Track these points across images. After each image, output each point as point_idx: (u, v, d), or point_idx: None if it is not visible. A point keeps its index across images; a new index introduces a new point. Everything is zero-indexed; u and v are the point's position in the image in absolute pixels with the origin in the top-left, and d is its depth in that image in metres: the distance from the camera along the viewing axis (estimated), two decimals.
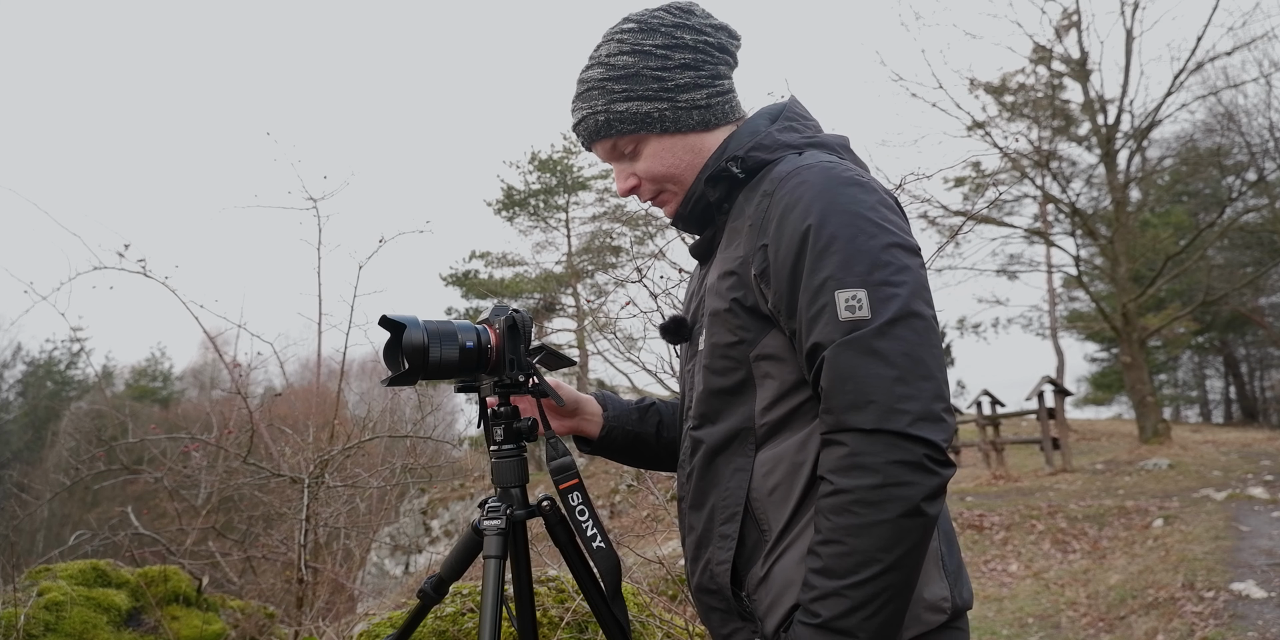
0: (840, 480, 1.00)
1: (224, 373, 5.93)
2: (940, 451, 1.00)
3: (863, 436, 0.99)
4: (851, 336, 1.02)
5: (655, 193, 1.32)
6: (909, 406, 0.99)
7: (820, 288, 1.05)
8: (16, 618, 2.89)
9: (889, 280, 1.04)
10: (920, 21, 23.11)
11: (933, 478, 0.99)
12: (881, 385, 1.00)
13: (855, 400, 1.01)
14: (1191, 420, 31.82)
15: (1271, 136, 16.06)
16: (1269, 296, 24.95)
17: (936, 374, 1.02)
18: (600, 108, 1.25)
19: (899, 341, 1.01)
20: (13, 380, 33.42)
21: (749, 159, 1.21)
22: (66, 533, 7.02)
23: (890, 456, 0.98)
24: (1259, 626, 5.08)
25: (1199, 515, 8.39)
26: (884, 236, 1.07)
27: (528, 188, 25.84)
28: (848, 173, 1.13)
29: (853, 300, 1.03)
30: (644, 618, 2.84)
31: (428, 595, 1.44)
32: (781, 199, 1.12)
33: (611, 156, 1.31)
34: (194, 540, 5.15)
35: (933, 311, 1.07)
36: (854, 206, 1.08)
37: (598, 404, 1.51)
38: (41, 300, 3.70)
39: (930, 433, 0.99)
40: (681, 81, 1.23)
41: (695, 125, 1.26)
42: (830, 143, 1.26)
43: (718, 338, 1.20)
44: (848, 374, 1.02)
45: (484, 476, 7.62)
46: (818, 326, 1.05)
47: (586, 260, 25.04)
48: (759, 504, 1.15)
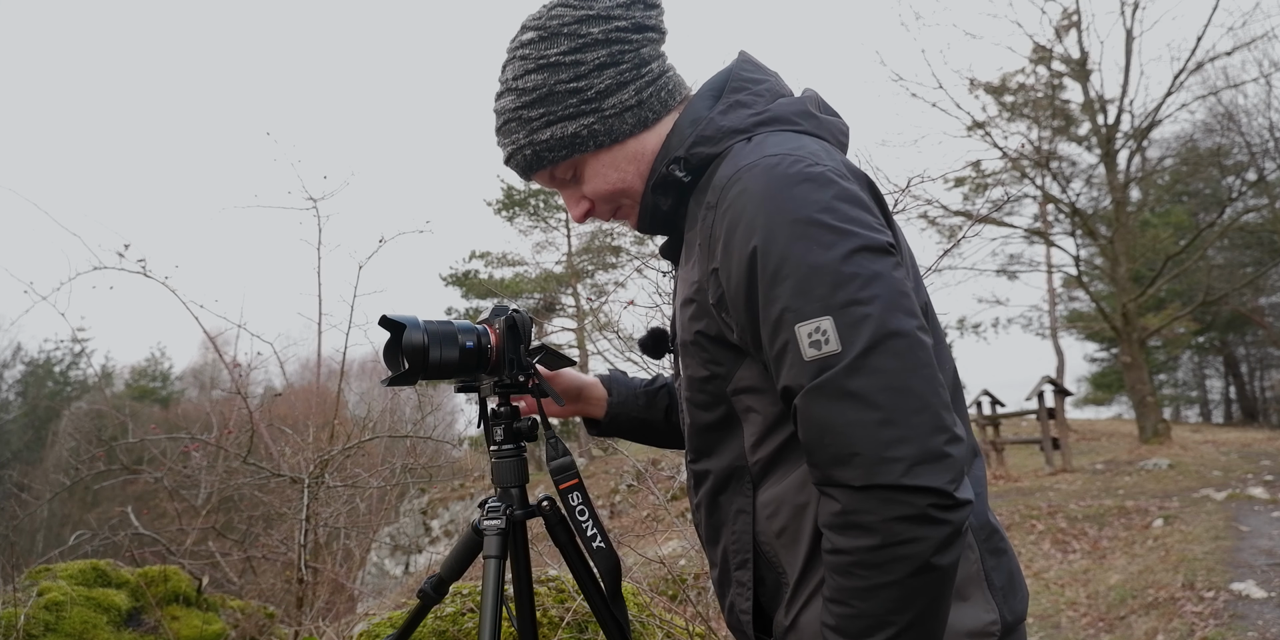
0: (837, 540, 0.89)
1: (224, 373, 5.93)
2: (946, 496, 0.85)
3: (853, 493, 0.87)
4: (821, 379, 0.88)
5: (612, 211, 1.19)
6: (901, 452, 0.85)
7: (778, 323, 0.91)
8: (16, 618, 2.89)
9: (856, 298, 0.88)
10: (920, 21, 23.17)
11: (941, 528, 0.85)
12: (865, 433, 0.86)
13: (838, 454, 0.88)
14: (1191, 420, 31.81)
15: (1271, 136, 16.07)
16: (1269, 296, 24.94)
17: (931, 401, 0.88)
18: (523, 141, 1.12)
19: (878, 374, 0.87)
20: (12, 380, 33.42)
21: (693, 157, 1.06)
22: (66, 533, 7.02)
23: (887, 513, 0.85)
24: (1259, 626, 5.08)
25: (1199, 515, 8.39)
26: (843, 243, 0.90)
27: (528, 187, 25.82)
28: (794, 166, 0.95)
29: (816, 333, 0.89)
30: (644, 618, 2.84)
31: (428, 595, 1.44)
32: (724, 214, 0.97)
33: (554, 185, 1.18)
34: (194, 540, 5.15)
35: (916, 321, 0.91)
36: (803, 211, 0.92)
37: (603, 387, 1.45)
38: (41, 300, 3.70)
39: (931, 477, 0.85)
40: (603, 86, 1.08)
41: (631, 129, 1.11)
42: (784, 115, 1.07)
43: (691, 371, 1.10)
44: (824, 425, 0.88)
45: (484, 476, 7.63)
46: (783, 368, 0.92)
47: (586, 260, 25.04)
48: (769, 547, 1.05)
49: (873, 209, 0.97)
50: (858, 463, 0.86)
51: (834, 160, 0.99)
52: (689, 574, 4.23)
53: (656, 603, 3.23)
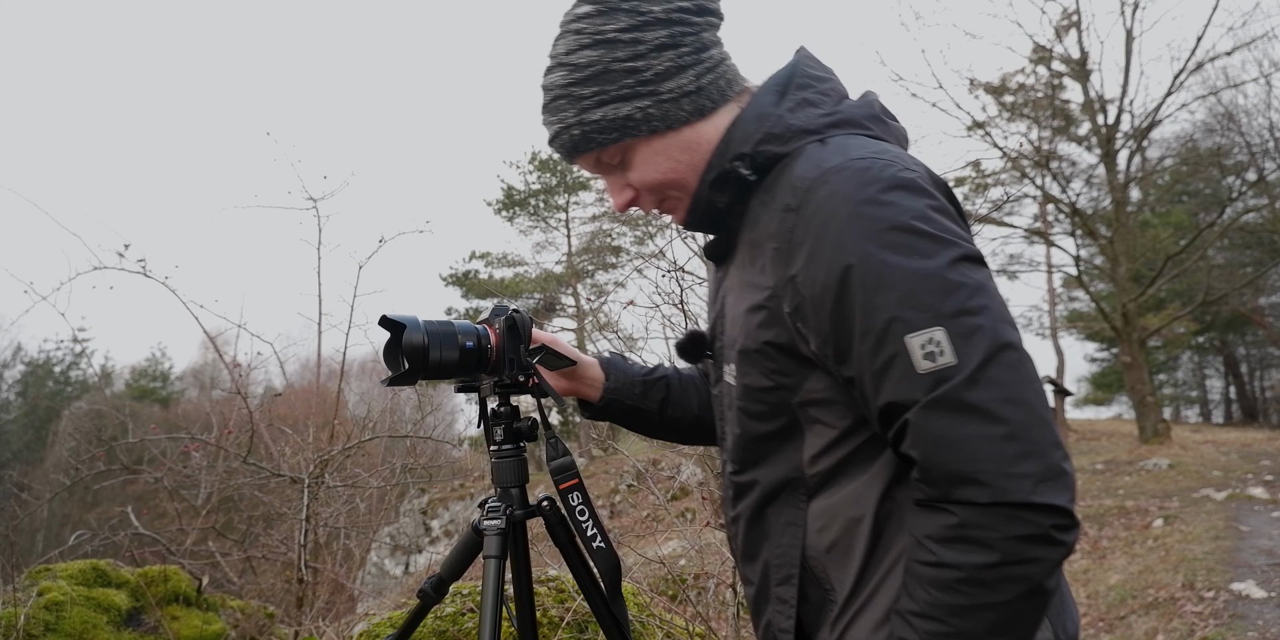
0: (945, 553, 0.84)
1: (224, 373, 5.93)
2: (1068, 515, 0.82)
3: (977, 510, 0.82)
4: (939, 392, 0.83)
5: (657, 202, 1.12)
6: (1028, 467, 0.81)
7: (884, 333, 0.86)
8: (16, 618, 2.89)
9: (966, 307, 0.84)
10: (920, 21, 23.18)
11: (1058, 549, 0.83)
12: (989, 448, 0.82)
13: (960, 472, 0.83)
14: (1191, 420, 31.81)
15: (1271, 136, 16.07)
16: (1269, 296, 24.94)
17: (1046, 415, 0.85)
18: (572, 120, 1.04)
19: (997, 386, 0.83)
20: (12, 380, 33.43)
21: (759, 155, 1.00)
22: (66, 533, 7.02)
23: (1011, 531, 0.81)
24: (1259, 626, 5.08)
25: (1199, 515, 8.39)
26: (946, 251, 0.86)
27: (528, 188, 25.85)
28: (887, 171, 0.91)
29: (930, 344, 0.84)
30: (644, 618, 2.84)
31: (428, 595, 1.44)
32: (810, 218, 0.91)
33: (599, 169, 1.11)
34: (194, 540, 5.15)
35: (1019, 334, 0.88)
36: (900, 218, 0.87)
37: (599, 369, 1.41)
38: (41, 300, 3.70)
39: (1055, 495, 0.81)
40: (661, 68, 1.01)
41: (688, 116, 1.04)
42: (856, 117, 1.02)
43: (751, 380, 1.03)
44: (944, 441, 0.84)
45: (484, 476, 7.61)
46: (889, 382, 0.87)
47: (586, 260, 25.05)
48: (817, 562, 1.01)
49: (960, 222, 0.94)
50: (984, 480, 0.82)
51: (920, 166, 0.95)
52: (689, 574, 4.23)
53: (656, 603, 3.23)
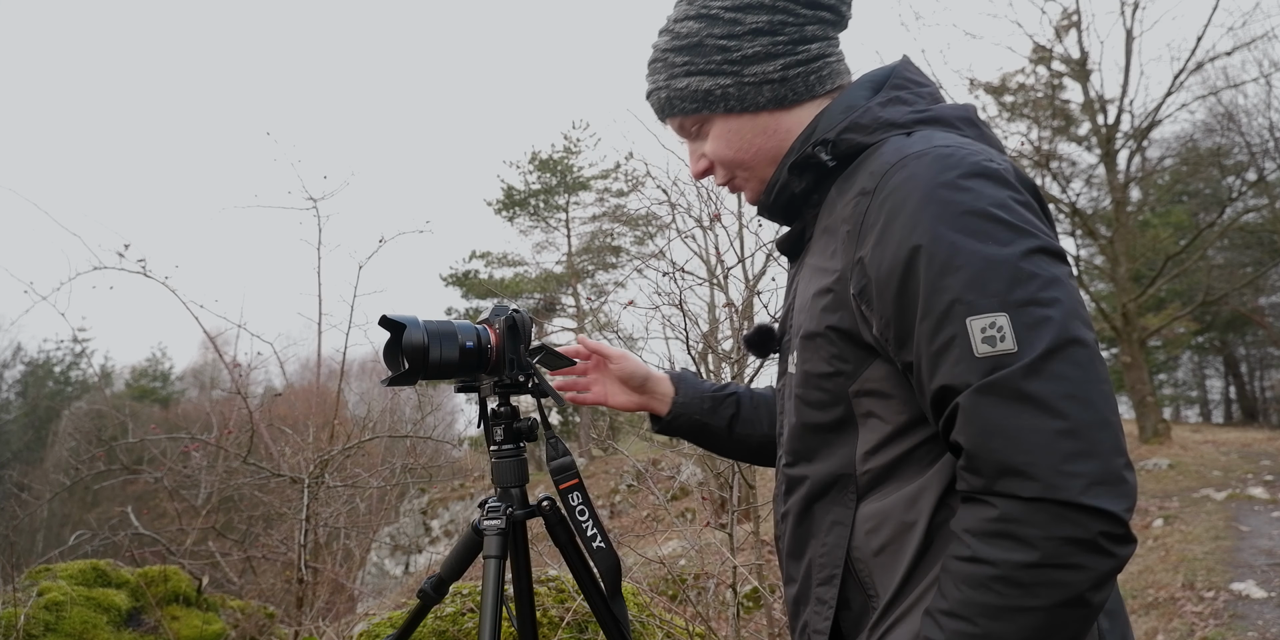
0: (982, 548, 0.80)
1: (224, 373, 5.94)
2: (1121, 524, 0.77)
3: (1020, 504, 0.78)
4: (995, 377, 0.80)
5: (727, 178, 1.14)
6: (1082, 467, 0.77)
7: (946, 315, 0.83)
8: (16, 618, 2.89)
9: (1036, 298, 0.81)
10: (920, 21, 23.23)
11: (1107, 560, 0.77)
12: (1043, 441, 0.78)
13: (1008, 463, 0.79)
14: (1191, 420, 31.80)
15: (1271, 136, 16.08)
16: (1269, 296, 24.93)
17: (1111, 418, 0.80)
18: (662, 83, 1.09)
19: (1060, 381, 0.79)
20: (12, 380, 33.42)
21: (841, 142, 1.00)
22: (66, 533, 7.02)
23: (1055, 531, 0.76)
24: (1259, 626, 5.08)
25: (1199, 515, 8.39)
26: (1022, 240, 0.83)
27: (528, 188, 25.85)
28: (970, 159, 0.88)
29: (991, 329, 0.80)
30: (644, 618, 2.84)
31: (428, 595, 1.44)
32: (885, 200, 0.90)
33: (682, 134, 1.16)
34: (194, 540, 5.15)
35: (1093, 334, 0.83)
36: (978, 203, 0.85)
37: (670, 384, 1.39)
38: (41, 300, 3.70)
39: (1110, 501, 0.76)
40: (751, 52, 1.03)
41: (767, 103, 1.05)
42: (947, 117, 1.00)
43: (811, 366, 1.01)
44: (995, 428, 0.79)
45: (484, 476, 7.61)
46: (944, 365, 0.83)
47: (586, 260, 25.05)
48: (863, 565, 0.97)
49: (1044, 219, 0.90)
50: (1032, 473, 0.78)
51: (1005, 162, 0.92)
52: (689, 574, 4.24)
53: (656, 603, 3.23)
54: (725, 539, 3.20)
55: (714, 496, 4.22)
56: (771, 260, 3.96)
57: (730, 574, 3.15)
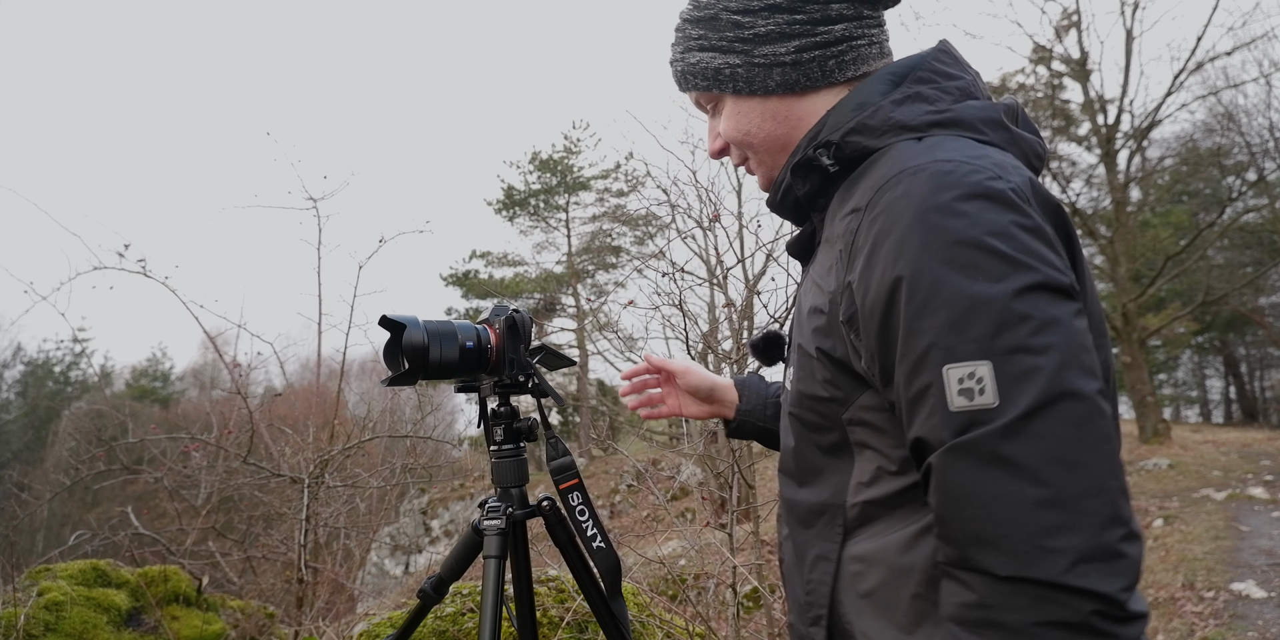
0: (966, 636, 0.72)
1: (224, 373, 5.94)
2: (1117, 605, 0.67)
3: (996, 584, 0.70)
4: (969, 437, 0.71)
5: (741, 159, 1.08)
6: (1064, 542, 0.68)
7: (921, 361, 0.75)
8: (16, 618, 2.89)
9: (1025, 345, 0.71)
10: (920, 21, 23.10)
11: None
12: (1020, 512, 0.69)
13: (980, 533, 0.70)
14: (1191, 420, 31.79)
15: (1271, 136, 16.07)
16: (1269, 296, 24.93)
17: (1108, 483, 0.70)
18: (678, 56, 1.04)
19: (1045, 441, 0.69)
20: (12, 380, 33.42)
21: (846, 146, 0.91)
22: (66, 533, 7.02)
23: (1039, 616, 0.68)
24: (1259, 626, 5.08)
25: (1199, 515, 8.39)
26: (1018, 276, 0.73)
27: (528, 187, 25.85)
28: (972, 177, 0.78)
29: (970, 380, 0.72)
30: (644, 618, 2.84)
31: (428, 595, 1.44)
32: (874, 221, 0.81)
33: (699, 109, 1.09)
34: (194, 540, 5.16)
35: (1097, 384, 0.72)
36: (972, 232, 0.74)
37: (735, 391, 1.37)
38: (41, 300, 3.70)
39: (1099, 580, 0.67)
40: (764, 30, 0.95)
41: (776, 88, 0.97)
42: (968, 119, 0.88)
43: (805, 387, 0.94)
44: (966, 495, 0.71)
45: (484, 476, 7.60)
46: (919, 416, 0.75)
47: (586, 260, 25.05)
48: (846, 608, 0.89)
49: (1057, 246, 0.78)
50: (1006, 548, 0.69)
51: (1020, 178, 0.81)
52: (689, 574, 4.24)
53: (656, 603, 3.23)
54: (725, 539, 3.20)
55: (714, 496, 4.22)
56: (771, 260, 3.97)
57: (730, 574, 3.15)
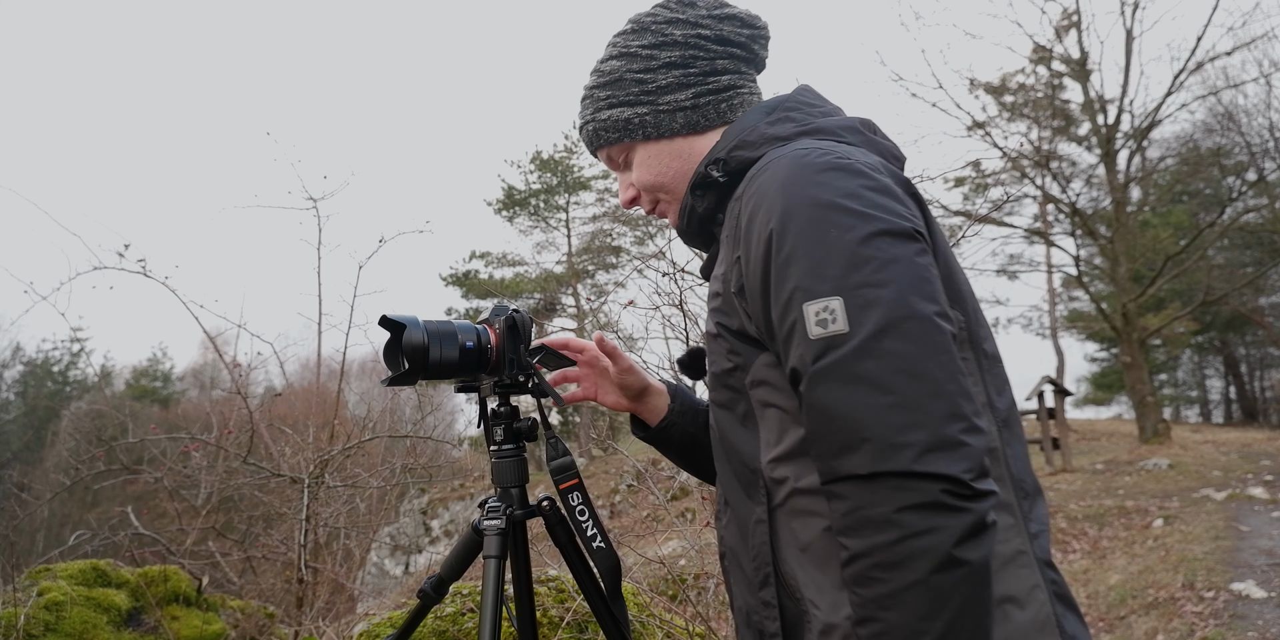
0: (852, 542, 0.81)
1: (224, 373, 5.93)
2: (962, 484, 0.79)
3: (862, 484, 0.81)
4: (827, 361, 0.84)
5: (653, 203, 1.23)
6: (912, 437, 0.79)
7: (789, 302, 0.88)
8: (16, 618, 2.89)
9: (869, 281, 0.85)
10: (920, 21, 23.20)
11: (959, 515, 0.78)
12: (874, 417, 0.81)
13: (845, 441, 0.82)
14: (1191, 420, 31.79)
15: (1271, 136, 16.06)
16: (1269, 296, 24.93)
17: (947, 386, 0.82)
18: (589, 117, 1.20)
19: (889, 357, 0.82)
20: (12, 380, 33.42)
21: (732, 160, 1.07)
22: (66, 533, 7.01)
23: (899, 502, 0.78)
24: (1259, 626, 5.08)
25: (1199, 515, 8.39)
26: (863, 226, 0.87)
27: (528, 187, 25.85)
28: (824, 157, 0.94)
29: (825, 312, 0.85)
30: (644, 618, 2.84)
31: (428, 595, 1.44)
32: (749, 200, 0.97)
33: (612, 166, 1.25)
34: (194, 540, 5.16)
35: (935, 307, 0.86)
36: (825, 195, 0.90)
37: (666, 397, 1.38)
38: (41, 300, 3.71)
39: (944, 464, 0.78)
40: (664, 83, 1.14)
41: (680, 129, 1.15)
42: (828, 127, 1.06)
43: (715, 365, 1.06)
44: (830, 409, 0.83)
45: (484, 476, 7.60)
46: (791, 348, 0.88)
47: (587, 260, 25.05)
48: (789, 565, 0.96)
49: (905, 200, 0.94)
50: (866, 450, 0.81)
51: (869, 159, 0.97)
52: (689, 574, 4.23)
53: (656, 603, 3.23)
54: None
55: (713, 496, 4.22)
56: None
57: None
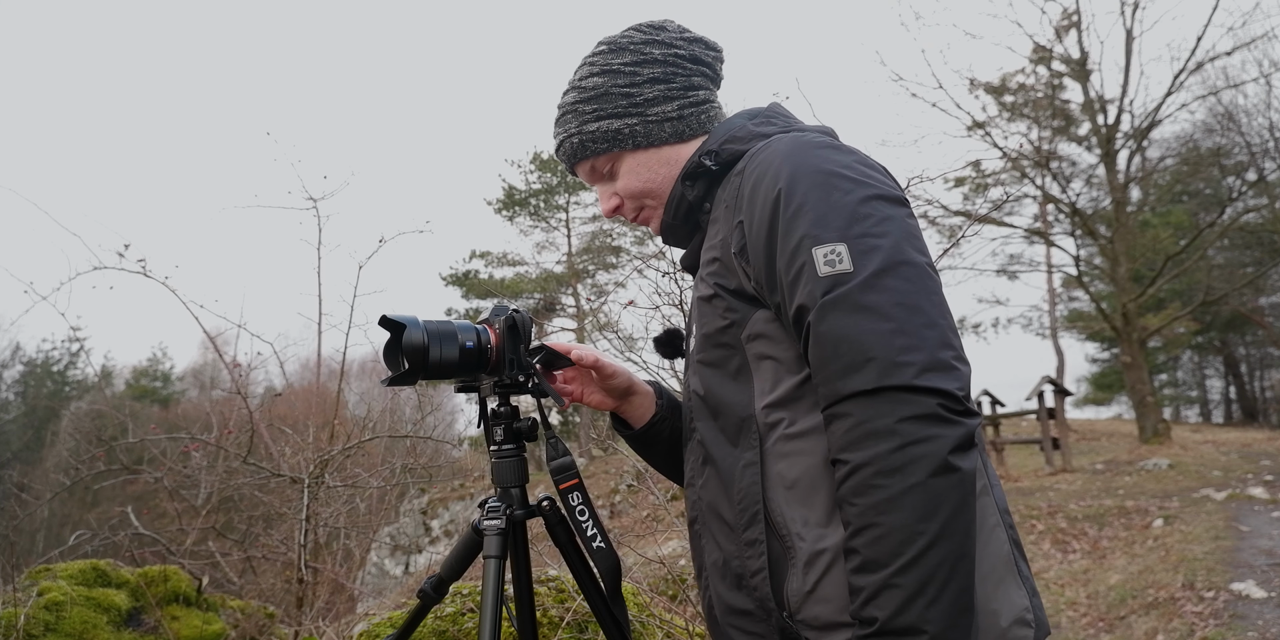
0: (854, 455, 0.90)
1: (224, 373, 5.93)
2: (956, 400, 0.90)
3: (866, 399, 0.90)
4: (835, 293, 0.94)
5: (637, 210, 1.30)
6: (912, 358, 0.90)
7: (797, 248, 0.99)
8: (16, 618, 2.89)
9: (869, 232, 0.97)
10: (920, 21, 23.18)
11: (955, 427, 0.88)
12: (879, 340, 0.91)
13: (852, 361, 0.92)
14: (1191, 420, 31.79)
15: (1271, 136, 16.07)
16: (1269, 296, 24.94)
17: (939, 320, 0.94)
18: (574, 130, 1.26)
19: (890, 292, 0.93)
20: (12, 380, 33.40)
21: (723, 151, 1.19)
22: (66, 533, 7.02)
23: (901, 413, 0.88)
24: (1259, 626, 5.08)
25: (1199, 515, 8.39)
26: (861, 190, 1.01)
27: (528, 187, 25.83)
28: (820, 138, 1.10)
29: (831, 254, 0.96)
30: (644, 618, 2.84)
31: (428, 595, 1.44)
32: (753, 171, 1.09)
33: (593, 178, 1.32)
34: (194, 540, 5.16)
35: (926, 258, 0.99)
36: (826, 165, 1.03)
37: (652, 398, 1.40)
38: (41, 300, 3.71)
39: (941, 381, 0.89)
40: (651, 95, 1.24)
41: (668, 138, 1.25)
42: (810, 129, 1.20)
43: (708, 327, 1.14)
44: (838, 335, 0.93)
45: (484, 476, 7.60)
46: (799, 288, 0.98)
47: (587, 260, 25.04)
48: (776, 502, 1.03)
49: (892, 177, 1.09)
50: (871, 367, 0.90)
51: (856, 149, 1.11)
52: (689, 574, 4.23)
53: (656, 603, 3.23)
54: None
55: None
56: None
57: None
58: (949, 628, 0.85)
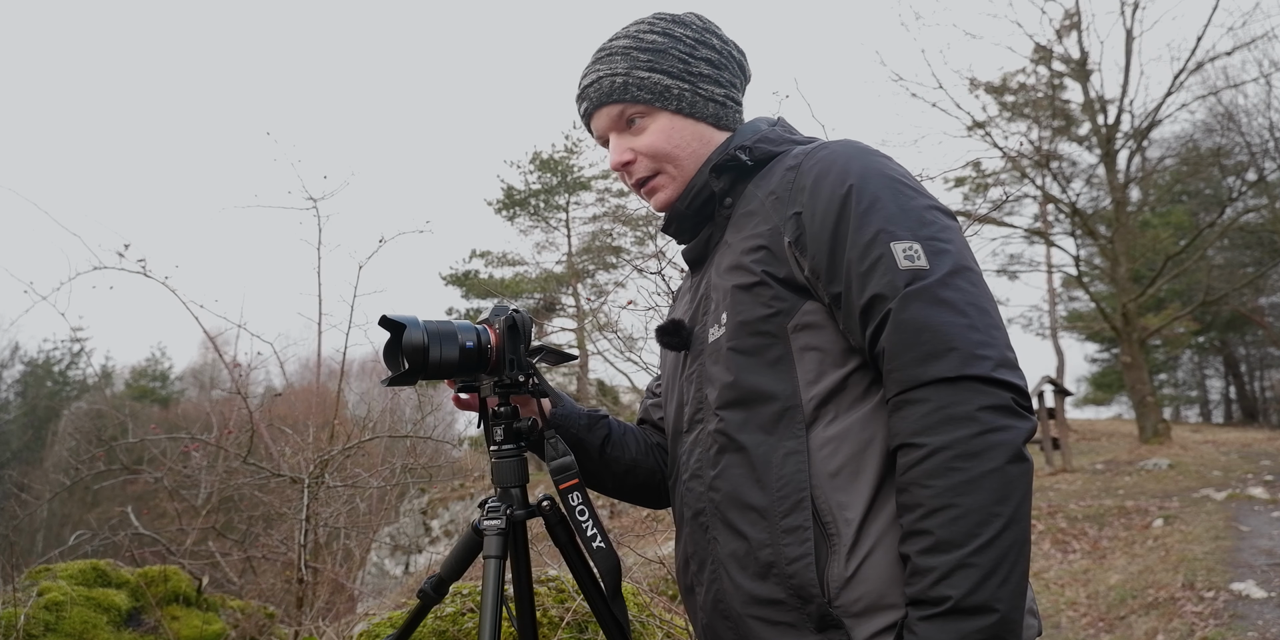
0: (933, 439, 0.93)
1: (224, 373, 5.94)
2: (1025, 396, 0.96)
3: (947, 386, 0.94)
4: (917, 286, 0.98)
5: (651, 172, 1.27)
6: (989, 352, 0.95)
7: (873, 240, 1.02)
8: (16, 618, 2.89)
9: (937, 236, 1.03)
10: (920, 21, 23.24)
11: (1025, 421, 0.94)
12: (958, 333, 0.96)
13: (933, 349, 0.95)
14: (1191, 420, 31.78)
15: (1271, 136, 16.07)
16: (1269, 296, 24.93)
17: (1002, 324, 1.01)
18: (621, 70, 1.23)
19: (963, 292, 0.99)
20: (12, 380, 33.39)
21: (757, 149, 1.21)
22: (66, 533, 7.02)
23: (981, 402, 0.93)
24: (1259, 626, 5.08)
25: (1199, 515, 8.39)
26: (923, 199, 1.07)
27: (528, 187, 25.83)
28: (872, 147, 1.15)
29: (909, 250, 1.01)
30: (644, 618, 2.84)
31: (428, 595, 1.44)
32: (812, 168, 1.12)
33: (614, 126, 1.27)
34: (194, 540, 5.16)
35: (980, 268, 1.06)
36: (889, 171, 1.09)
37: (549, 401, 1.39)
38: (41, 300, 3.71)
39: (1013, 377, 0.95)
40: (704, 72, 1.25)
41: (709, 117, 1.26)
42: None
43: (747, 315, 1.13)
44: (920, 324, 0.97)
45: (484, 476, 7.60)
46: (874, 278, 1.01)
47: (587, 260, 25.02)
48: (819, 492, 1.04)
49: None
50: (953, 356, 0.95)
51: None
52: None
53: (656, 603, 3.23)
54: None
55: None
56: None
57: None
58: (1014, 609, 0.89)
